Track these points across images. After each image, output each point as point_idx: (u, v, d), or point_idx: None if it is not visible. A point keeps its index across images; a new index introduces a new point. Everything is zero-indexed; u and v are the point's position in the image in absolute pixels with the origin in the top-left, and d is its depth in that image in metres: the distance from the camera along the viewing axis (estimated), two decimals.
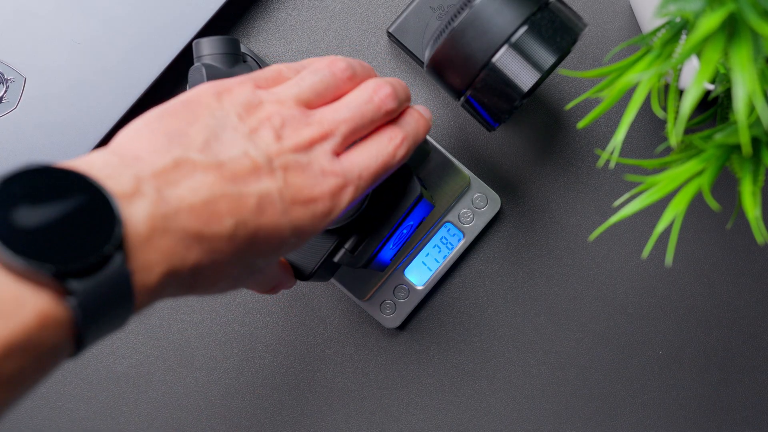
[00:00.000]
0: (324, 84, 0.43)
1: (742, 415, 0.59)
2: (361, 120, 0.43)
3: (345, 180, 0.41)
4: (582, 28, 0.49)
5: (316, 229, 0.40)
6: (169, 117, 0.38)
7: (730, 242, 0.59)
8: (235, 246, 0.37)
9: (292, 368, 0.59)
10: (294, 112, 0.41)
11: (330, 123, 0.42)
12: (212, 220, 0.36)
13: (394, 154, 0.43)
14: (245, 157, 0.38)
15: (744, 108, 0.32)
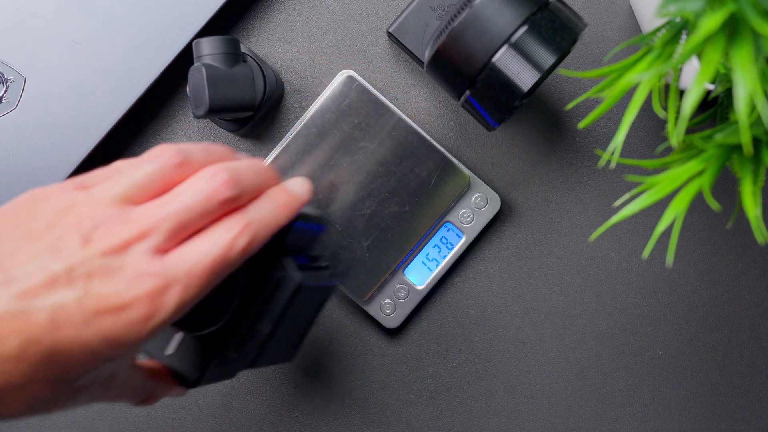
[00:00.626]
0: (148, 177, 0.39)
1: (742, 415, 0.59)
2: (187, 214, 0.38)
3: (167, 280, 0.37)
4: (582, 28, 0.49)
5: (137, 338, 0.36)
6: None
7: (730, 242, 0.59)
8: (29, 366, 0.34)
9: (292, 368, 0.59)
10: (110, 212, 0.38)
11: (150, 220, 0.38)
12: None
13: (233, 245, 0.39)
14: (41, 271, 0.35)
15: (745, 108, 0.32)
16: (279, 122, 0.59)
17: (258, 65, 0.56)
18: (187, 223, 0.38)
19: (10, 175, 0.55)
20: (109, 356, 0.36)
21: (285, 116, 0.59)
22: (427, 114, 0.59)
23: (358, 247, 0.57)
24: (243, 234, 0.39)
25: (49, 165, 0.55)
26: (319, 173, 0.57)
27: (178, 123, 0.59)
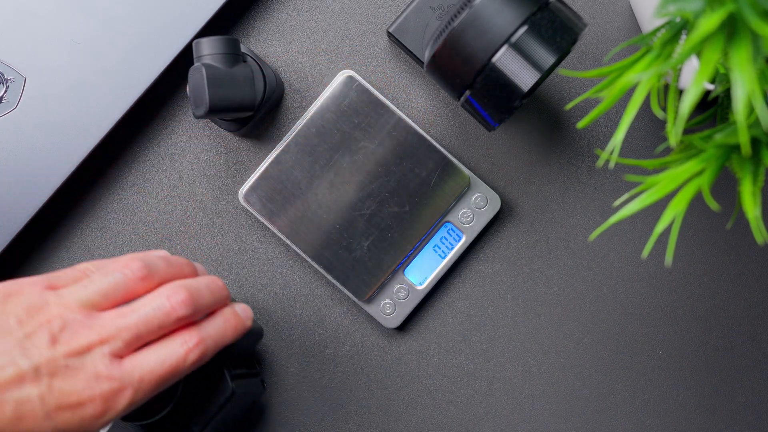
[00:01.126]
0: (113, 286, 0.43)
1: (742, 415, 0.59)
2: (145, 326, 0.43)
3: (121, 383, 0.42)
4: (582, 28, 0.49)
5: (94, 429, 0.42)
6: None
7: (730, 242, 0.59)
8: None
9: (292, 368, 0.59)
10: (76, 315, 0.42)
11: (112, 328, 0.42)
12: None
13: (185, 358, 0.44)
14: (11, 366, 0.39)
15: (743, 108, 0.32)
16: (279, 122, 0.59)
17: (258, 65, 0.56)
18: (144, 335, 0.43)
19: (10, 175, 0.55)
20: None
21: (285, 116, 0.59)
22: (427, 114, 0.59)
23: (358, 247, 0.57)
24: (196, 348, 0.44)
25: (49, 165, 0.55)
26: (319, 173, 0.57)
27: (178, 123, 0.59)
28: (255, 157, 0.59)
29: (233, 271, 0.59)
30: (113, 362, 0.42)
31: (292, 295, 0.59)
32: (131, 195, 0.59)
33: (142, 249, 0.59)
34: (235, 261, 0.59)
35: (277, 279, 0.59)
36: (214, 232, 0.59)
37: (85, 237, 0.59)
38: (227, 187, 0.59)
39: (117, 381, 0.42)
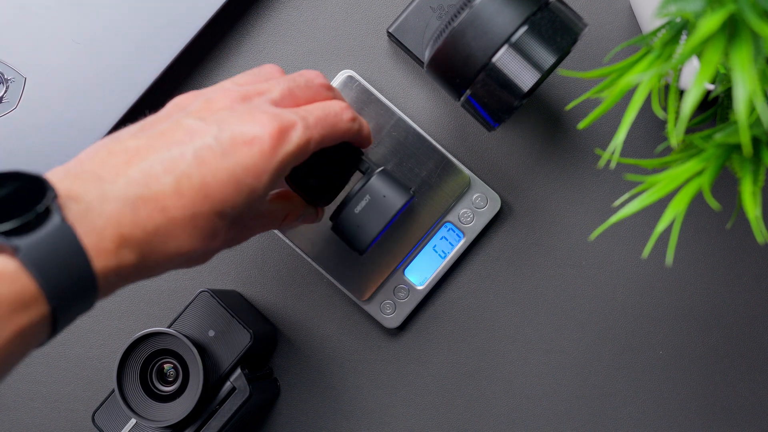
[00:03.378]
0: (259, 73, 0.46)
1: (742, 415, 0.59)
2: (295, 83, 0.46)
3: (290, 119, 0.42)
4: (582, 28, 0.49)
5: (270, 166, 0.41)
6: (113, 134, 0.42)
7: (730, 242, 0.59)
8: (187, 199, 0.39)
9: (292, 368, 0.59)
10: (231, 85, 0.45)
11: (266, 84, 0.45)
12: (151, 182, 0.38)
13: (342, 114, 0.46)
14: (178, 125, 0.41)
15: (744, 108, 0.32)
16: None
17: None
18: (294, 91, 0.45)
19: None
20: (250, 185, 0.41)
21: None
22: (427, 114, 0.59)
23: None
24: (348, 109, 0.47)
25: (49, 165, 0.55)
26: None
27: None
28: None
29: (233, 271, 0.59)
30: (275, 106, 0.44)
31: (293, 295, 0.59)
32: None
33: None
34: (235, 261, 0.59)
35: (278, 279, 0.59)
36: None
37: None
38: None
39: (286, 117, 0.42)
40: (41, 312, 0.34)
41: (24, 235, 0.34)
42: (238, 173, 0.40)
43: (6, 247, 0.34)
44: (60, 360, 0.59)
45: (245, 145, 0.41)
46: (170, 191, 0.39)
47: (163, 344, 0.50)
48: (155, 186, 0.38)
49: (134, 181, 0.38)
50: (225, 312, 0.52)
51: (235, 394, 0.51)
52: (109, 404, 0.52)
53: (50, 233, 0.35)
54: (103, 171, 0.38)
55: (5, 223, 0.34)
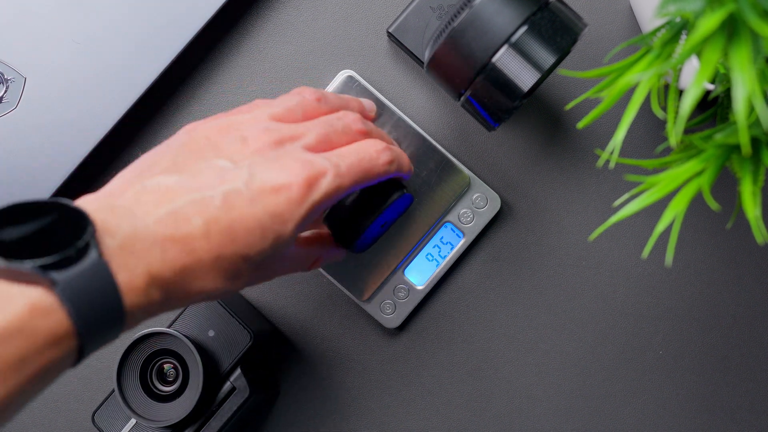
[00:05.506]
0: (294, 105, 0.46)
1: (742, 415, 0.59)
2: (332, 128, 0.45)
3: (321, 167, 0.43)
4: (582, 28, 0.49)
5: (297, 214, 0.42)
6: (143, 159, 0.43)
7: (730, 242, 0.59)
8: (214, 243, 0.40)
9: (292, 368, 0.59)
10: (267, 123, 0.44)
11: (301, 128, 0.44)
12: (181, 224, 0.39)
13: (378, 158, 0.46)
14: (210, 167, 0.41)
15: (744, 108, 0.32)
16: None
17: None
18: (332, 135, 0.45)
19: (10, 175, 0.55)
20: (276, 231, 0.42)
21: None
22: (427, 114, 0.59)
23: None
24: (385, 151, 0.46)
25: (49, 165, 0.55)
26: None
27: (178, 123, 0.59)
28: None
29: None
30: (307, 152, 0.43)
31: (293, 295, 0.59)
32: None
33: None
34: None
35: (278, 279, 0.59)
36: None
37: None
38: None
39: (317, 164, 0.43)
40: (71, 346, 0.35)
41: (62, 270, 0.35)
42: (264, 220, 0.41)
43: (44, 280, 0.34)
44: None
45: (273, 193, 0.41)
46: (199, 234, 0.39)
47: (163, 344, 0.50)
48: (185, 228, 0.39)
49: (165, 222, 0.39)
50: (225, 312, 0.52)
51: (235, 394, 0.51)
52: (109, 404, 0.52)
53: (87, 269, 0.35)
54: (136, 207, 0.39)
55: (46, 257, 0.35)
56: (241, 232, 0.40)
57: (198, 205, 0.40)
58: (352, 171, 0.44)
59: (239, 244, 0.41)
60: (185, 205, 0.39)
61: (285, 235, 0.42)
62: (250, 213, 0.41)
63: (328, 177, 0.43)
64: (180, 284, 0.39)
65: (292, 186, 0.42)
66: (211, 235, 0.40)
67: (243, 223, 0.40)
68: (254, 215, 0.41)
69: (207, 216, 0.40)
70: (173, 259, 0.39)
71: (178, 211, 0.39)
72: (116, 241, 0.37)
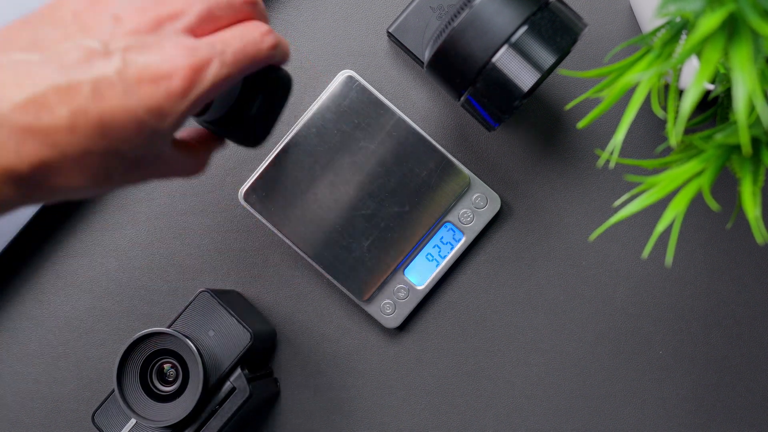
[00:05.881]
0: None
1: (741, 415, 0.59)
2: (216, 4, 0.40)
3: (206, 54, 0.38)
4: (582, 28, 0.49)
5: (177, 109, 0.38)
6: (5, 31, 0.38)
7: (730, 242, 0.59)
8: (81, 136, 0.36)
9: (292, 368, 0.59)
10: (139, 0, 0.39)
11: (182, 3, 0.39)
12: (42, 112, 0.35)
13: (261, 41, 0.41)
14: (77, 48, 0.36)
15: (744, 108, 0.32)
16: (279, 122, 0.59)
17: None
18: (215, 11, 0.40)
19: None
20: (153, 127, 0.37)
21: (285, 116, 0.59)
22: (427, 114, 0.59)
23: (358, 247, 0.57)
24: (270, 35, 0.42)
25: None
26: (319, 173, 0.57)
27: None
28: (255, 157, 0.59)
29: (233, 271, 0.59)
30: (189, 37, 0.39)
31: (292, 295, 0.59)
32: (131, 195, 0.59)
33: (142, 248, 0.59)
34: (235, 261, 0.59)
35: (277, 279, 0.59)
36: (214, 232, 0.59)
37: (84, 237, 0.59)
38: (227, 187, 0.59)
39: (201, 52, 0.38)
40: None
41: None
42: (140, 114, 0.37)
43: None
44: (60, 360, 0.59)
45: (151, 84, 0.37)
46: (63, 126, 0.35)
47: (163, 344, 0.50)
48: (47, 118, 0.35)
49: (24, 109, 0.35)
50: (225, 312, 0.52)
51: (235, 394, 0.51)
52: (109, 404, 0.52)
53: None
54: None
55: None
56: (113, 127, 0.36)
57: (63, 93, 0.35)
58: (237, 58, 0.40)
59: (110, 139, 0.36)
60: (48, 91, 0.35)
61: (162, 131, 0.38)
62: (122, 105, 0.36)
63: (213, 66, 0.39)
64: (39, 181, 0.36)
65: (173, 76, 0.37)
66: (78, 127, 0.36)
67: (115, 116, 0.36)
68: (128, 108, 0.36)
69: (74, 106, 0.35)
70: (31, 153, 0.35)
71: (39, 98, 0.35)
72: None
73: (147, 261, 0.59)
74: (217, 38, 0.40)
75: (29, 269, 0.59)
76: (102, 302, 0.59)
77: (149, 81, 0.37)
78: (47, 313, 0.59)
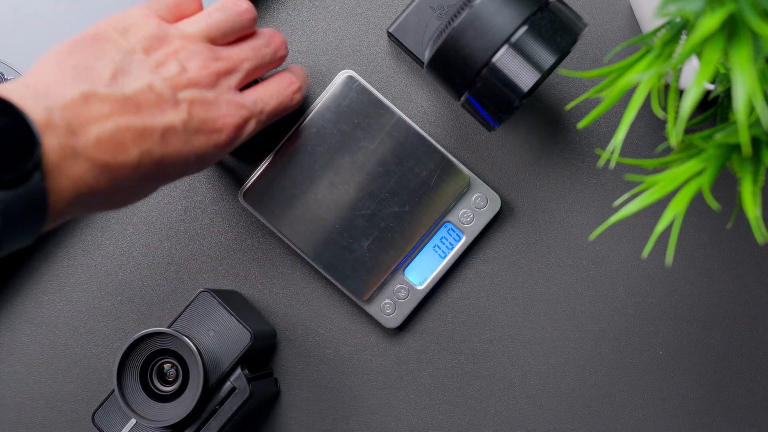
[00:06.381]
0: (230, 23, 0.46)
1: (742, 415, 0.59)
2: (261, 60, 0.47)
3: (249, 113, 0.45)
4: (582, 28, 0.49)
5: (217, 157, 0.45)
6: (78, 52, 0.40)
7: (730, 242, 0.59)
8: (141, 173, 0.40)
9: (292, 368, 0.59)
10: (200, 47, 0.44)
11: (235, 59, 0.45)
12: (118, 152, 0.39)
13: (292, 98, 0.49)
14: (150, 91, 0.41)
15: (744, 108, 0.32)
16: (279, 122, 0.59)
17: None
18: (258, 68, 0.47)
19: None
20: (195, 169, 0.44)
21: (285, 116, 0.59)
22: (427, 114, 0.59)
23: (358, 247, 0.57)
24: (300, 91, 0.50)
25: None
26: (318, 173, 0.57)
27: None
28: (255, 157, 0.59)
29: (233, 271, 0.59)
30: (238, 93, 0.45)
31: (292, 295, 0.59)
32: None
33: (142, 248, 0.59)
34: (235, 261, 0.59)
35: (277, 279, 0.59)
36: (214, 232, 0.59)
37: (84, 237, 0.59)
38: (227, 187, 0.59)
39: (246, 110, 0.45)
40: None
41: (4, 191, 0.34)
42: (190, 160, 0.43)
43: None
44: (60, 360, 0.59)
45: (205, 136, 0.43)
46: (131, 165, 0.40)
47: (163, 344, 0.50)
48: (121, 157, 0.39)
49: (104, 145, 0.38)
50: (225, 312, 0.52)
51: (235, 394, 0.51)
52: (109, 404, 0.52)
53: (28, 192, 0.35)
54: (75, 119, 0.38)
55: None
56: (167, 167, 0.42)
57: (137, 135, 0.40)
58: (271, 115, 0.47)
59: (160, 176, 0.42)
60: (125, 131, 0.39)
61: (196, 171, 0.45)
62: (180, 152, 0.42)
63: (251, 124, 0.45)
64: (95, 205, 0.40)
65: (223, 131, 0.44)
66: (142, 167, 0.40)
67: (172, 160, 0.41)
68: (183, 154, 0.42)
69: (143, 148, 0.40)
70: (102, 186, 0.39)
71: (118, 137, 0.39)
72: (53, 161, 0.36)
73: (147, 261, 0.59)
74: (258, 96, 0.46)
75: (29, 269, 0.59)
76: (102, 302, 0.59)
77: (204, 132, 0.43)
78: (47, 313, 0.59)
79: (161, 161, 0.41)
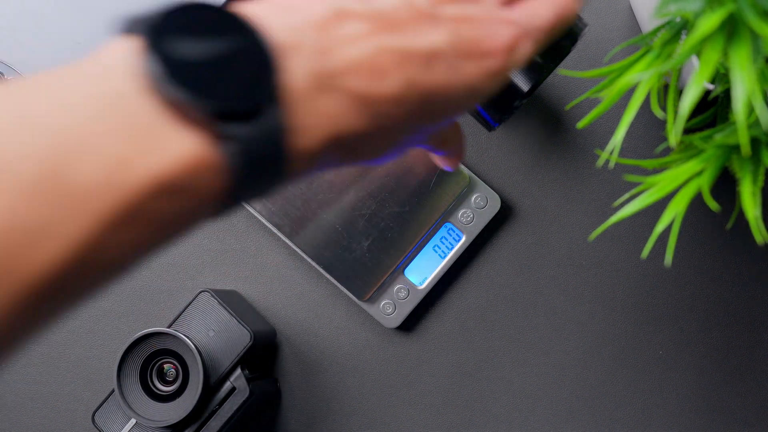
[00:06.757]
0: None
1: (742, 415, 0.59)
2: None
3: (523, 31, 0.34)
4: (582, 28, 0.49)
5: (488, 90, 0.34)
6: None
7: (730, 242, 0.59)
8: (405, 110, 0.32)
9: (292, 368, 0.59)
10: None
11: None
12: (378, 79, 0.31)
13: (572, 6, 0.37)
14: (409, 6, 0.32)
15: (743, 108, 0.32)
16: None
17: None
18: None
19: None
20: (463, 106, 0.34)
21: None
22: None
23: (358, 247, 0.57)
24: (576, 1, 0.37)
25: None
26: (319, 173, 0.57)
27: None
28: None
29: (233, 271, 0.59)
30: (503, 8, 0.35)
31: (293, 295, 0.59)
32: None
33: None
34: (235, 261, 0.59)
35: (277, 279, 0.59)
36: (214, 232, 0.59)
37: None
38: None
39: (519, 28, 0.34)
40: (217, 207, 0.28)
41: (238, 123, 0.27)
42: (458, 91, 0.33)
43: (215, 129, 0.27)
44: (60, 360, 0.59)
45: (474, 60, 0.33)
46: (392, 97, 0.31)
47: (163, 344, 0.50)
48: (380, 86, 0.31)
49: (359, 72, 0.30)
50: (225, 312, 0.52)
51: (235, 394, 0.51)
52: (109, 404, 0.52)
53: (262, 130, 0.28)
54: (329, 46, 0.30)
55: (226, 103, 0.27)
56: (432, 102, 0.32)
57: (398, 60, 0.31)
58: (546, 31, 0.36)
59: (424, 115, 0.33)
60: (386, 53, 0.31)
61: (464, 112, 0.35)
62: (447, 82, 0.32)
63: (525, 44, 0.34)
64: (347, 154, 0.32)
65: (493, 55, 0.33)
66: (404, 101, 0.31)
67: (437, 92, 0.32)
68: (450, 86, 0.32)
69: (406, 75, 0.31)
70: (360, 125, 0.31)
71: (375, 61, 0.31)
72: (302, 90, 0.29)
73: (147, 261, 0.59)
74: (531, 11, 0.36)
75: None
76: (102, 302, 0.59)
77: (475, 56, 0.33)
78: None
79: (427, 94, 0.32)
